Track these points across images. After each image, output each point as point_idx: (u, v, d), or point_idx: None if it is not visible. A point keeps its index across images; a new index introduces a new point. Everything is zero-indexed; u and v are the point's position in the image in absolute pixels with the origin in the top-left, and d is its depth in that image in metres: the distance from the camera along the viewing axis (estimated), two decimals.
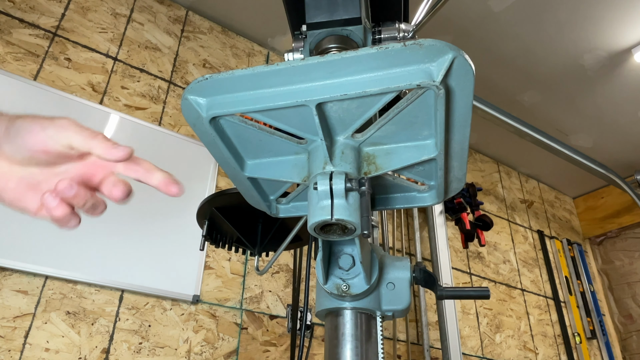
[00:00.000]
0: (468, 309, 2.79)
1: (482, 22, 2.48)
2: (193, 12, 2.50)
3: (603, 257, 3.80)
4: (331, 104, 0.49)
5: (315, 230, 0.52)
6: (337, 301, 0.66)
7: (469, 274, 2.94)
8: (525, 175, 3.84)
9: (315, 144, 0.54)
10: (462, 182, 0.59)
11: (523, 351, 2.91)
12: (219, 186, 2.14)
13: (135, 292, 1.74)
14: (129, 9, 2.28)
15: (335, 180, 0.50)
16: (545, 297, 3.29)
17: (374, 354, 0.65)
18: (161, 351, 1.70)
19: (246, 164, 0.60)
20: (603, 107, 3.03)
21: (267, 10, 2.46)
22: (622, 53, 2.61)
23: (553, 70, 2.77)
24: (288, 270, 2.16)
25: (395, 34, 0.74)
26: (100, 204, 0.47)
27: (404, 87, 0.45)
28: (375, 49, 0.44)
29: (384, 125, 0.52)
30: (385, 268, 0.68)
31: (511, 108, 2.95)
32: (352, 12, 0.66)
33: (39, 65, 1.90)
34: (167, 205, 1.95)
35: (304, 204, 0.67)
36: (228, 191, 1.07)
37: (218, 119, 0.52)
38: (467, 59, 0.43)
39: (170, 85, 2.24)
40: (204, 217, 1.17)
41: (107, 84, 2.04)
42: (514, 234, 3.41)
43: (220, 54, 2.49)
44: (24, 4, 1.97)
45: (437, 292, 0.69)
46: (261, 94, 0.49)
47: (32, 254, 1.59)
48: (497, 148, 3.52)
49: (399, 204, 0.64)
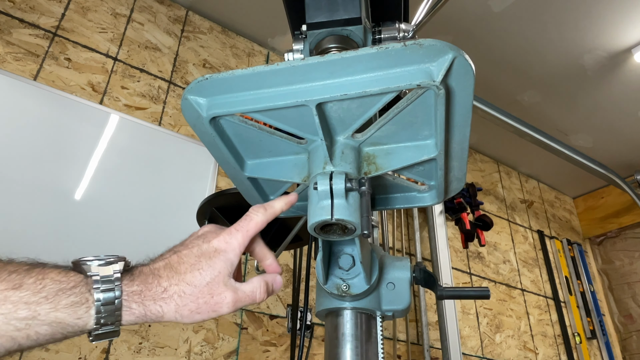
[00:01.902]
0: (468, 309, 2.79)
1: (482, 22, 2.48)
2: (193, 12, 2.50)
3: (603, 257, 3.80)
4: (331, 104, 0.49)
5: (316, 230, 0.52)
6: (337, 301, 0.66)
7: (469, 274, 2.94)
8: (525, 175, 3.84)
9: (315, 144, 0.54)
10: (462, 182, 0.59)
11: (523, 351, 2.91)
12: (219, 186, 2.14)
13: None
14: (129, 9, 2.28)
15: (335, 180, 0.50)
16: (545, 297, 3.29)
17: (374, 354, 0.65)
18: (161, 351, 1.70)
19: (246, 164, 0.60)
20: (603, 107, 3.02)
21: (267, 10, 2.46)
22: (622, 53, 2.61)
23: (553, 70, 2.77)
24: (288, 270, 2.16)
25: (395, 34, 0.74)
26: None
27: (404, 87, 0.45)
28: (376, 48, 0.44)
29: (384, 125, 0.52)
30: (385, 268, 0.68)
31: (511, 108, 2.95)
32: (352, 12, 0.66)
33: (39, 65, 1.90)
34: (167, 205, 1.95)
35: (304, 204, 0.67)
36: (228, 191, 1.07)
37: (218, 119, 0.52)
38: (467, 58, 0.43)
39: (170, 85, 2.24)
40: (204, 217, 1.17)
41: (107, 84, 2.04)
42: (514, 234, 3.41)
43: (220, 54, 2.49)
44: (24, 4, 1.97)
45: (437, 292, 0.69)
46: (261, 94, 0.49)
47: (32, 254, 1.59)
48: (497, 148, 3.52)
49: (399, 204, 0.65)
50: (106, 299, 0.43)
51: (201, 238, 0.52)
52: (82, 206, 1.75)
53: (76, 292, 0.42)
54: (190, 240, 0.53)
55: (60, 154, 1.78)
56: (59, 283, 0.42)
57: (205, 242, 0.51)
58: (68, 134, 1.83)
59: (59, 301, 0.41)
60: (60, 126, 1.82)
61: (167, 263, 0.49)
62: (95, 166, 1.84)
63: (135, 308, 0.45)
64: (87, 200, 1.77)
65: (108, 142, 1.91)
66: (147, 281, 0.47)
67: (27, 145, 1.72)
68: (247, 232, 0.53)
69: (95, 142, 1.88)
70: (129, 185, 1.89)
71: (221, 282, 0.49)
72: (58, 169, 1.75)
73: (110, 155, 1.89)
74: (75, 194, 1.75)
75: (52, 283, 0.42)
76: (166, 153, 2.05)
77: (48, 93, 1.85)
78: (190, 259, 0.49)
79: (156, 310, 0.46)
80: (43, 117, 1.79)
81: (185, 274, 0.48)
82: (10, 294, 0.39)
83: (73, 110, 1.87)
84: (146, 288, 0.46)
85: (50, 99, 1.84)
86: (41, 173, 1.71)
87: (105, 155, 1.88)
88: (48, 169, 1.73)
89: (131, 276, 0.46)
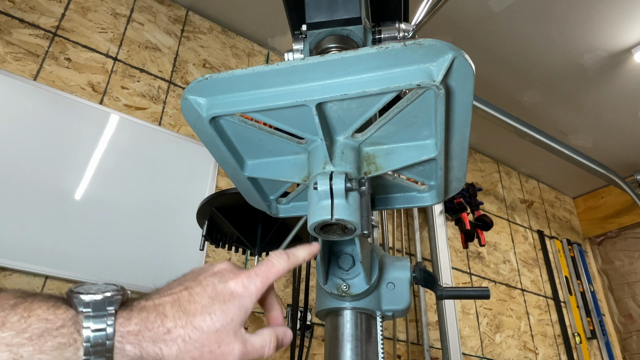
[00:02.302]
0: (468, 309, 2.79)
1: (482, 22, 2.48)
2: (193, 12, 2.50)
3: (603, 257, 3.80)
4: (331, 103, 0.49)
5: (316, 230, 0.52)
6: (337, 301, 0.66)
7: (469, 274, 2.94)
8: (525, 175, 3.84)
9: (315, 144, 0.54)
10: (462, 182, 0.59)
11: (523, 351, 2.91)
12: (219, 186, 2.14)
13: (135, 291, 1.72)
14: (129, 9, 2.28)
15: (335, 180, 0.50)
16: (545, 297, 3.29)
17: (374, 354, 0.65)
18: None
19: (246, 164, 0.60)
20: (603, 107, 3.02)
21: (267, 10, 2.46)
22: (622, 53, 2.61)
23: (553, 70, 2.76)
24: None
25: (395, 33, 0.74)
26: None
27: (404, 87, 0.45)
28: (376, 48, 0.44)
29: (384, 125, 0.52)
30: (385, 268, 0.68)
31: (511, 108, 2.95)
32: (352, 12, 0.66)
33: (39, 65, 1.90)
34: (167, 205, 1.95)
35: (304, 204, 0.67)
36: (228, 191, 1.07)
37: (218, 118, 0.52)
38: (467, 58, 0.43)
39: (170, 85, 2.24)
40: (204, 217, 1.17)
41: (107, 84, 2.04)
42: (514, 234, 3.41)
43: (220, 54, 2.49)
44: (24, 4, 1.97)
45: (437, 292, 0.69)
46: (261, 94, 0.49)
47: (32, 254, 1.59)
48: (497, 148, 3.52)
49: (399, 204, 0.64)
50: (96, 339, 0.39)
51: (217, 276, 0.47)
52: (82, 206, 1.75)
53: (63, 333, 0.38)
54: (205, 276, 0.47)
55: (60, 154, 1.78)
56: (45, 322, 0.38)
57: (221, 282, 0.46)
58: (68, 134, 1.83)
59: (44, 342, 0.37)
60: (60, 126, 1.82)
61: (176, 299, 0.45)
62: (95, 166, 1.83)
63: (129, 350, 0.40)
64: (87, 200, 1.77)
65: (108, 142, 1.91)
66: (149, 319, 0.42)
67: (27, 145, 1.72)
68: (266, 279, 0.49)
69: (95, 142, 1.88)
70: (129, 185, 1.89)
71: (232, 331, 0.45)
72: (58, 169, 1.75)
73: (110, 155, 1.89)
74: (75, 194, 1.75)
75: (38, 322, 0.37)
76: (166, 153, 2.05)
77: (48, 93, 1.85)
78: (203, 299, 0.45)
79: (154, 353, 0.41)
80: (43, 117, 1.79)
81: (195, 316, 0.43)
82: None
83: (73, 110, 1.87)
84: (146, 328, 0.42)
85: (50, 99, 1.84)
86: (41, 173, 1.71)
87: (105, 155, 1.88)
88: (48, 169, 1.73)
89: (129, 312, 0.42)
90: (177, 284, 0.47)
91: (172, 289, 0.46)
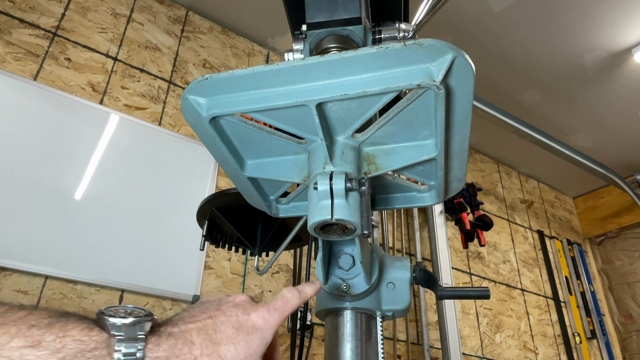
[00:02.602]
0: (468, 309, 2.79)
1: (482, 22, 2.48)
2: (193, 12, 2.50)
3: (603, 257, 3.80)
4: (331, 103, 0.49)
5: (315, 230, 0.52)
6: (337, 301, 0.66)
7: (469, 274, 2.94)
8: (525, 175, 3.84)
9: (315, 143, 0.54)
10: (462, 182, 0.59)
11: (523, 351, 2.91)
12: (219, 186, 2.14)
13: (135, 292, 1.74)
14: (129, 9, 2.28)
15: (335, 180, 0.50)
16: (545, 297, 3.29)
17: (374, 354, 0.65)
18: None
19: (246, 164, 0.60)
20: (603, 107, 3.02)
21: (267, 10, 2.46)
22: (622, 53, 2.61)
23: (553, 70, 2.77)
24: (288, 270, 2.16)
25: (395, 33, 0.74)
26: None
27: (404, 87, 0.45)
28: (376, 48, 0.44)
29: (384, 125, 0.52)
30: (385, 268, 0.68)
31: (511, 108, 2.95)
32: (352, 11, 0.66)
33: (39, 65, 1.90)
34: (167, 205, 1.95)
35: (304, 204, 0.67)
36: (228, 191, 1.07)
37: (218, 119, 0.52)
38: (467, 58, 0.43)
39: (170, 85, 2.24)
40: (204, 217, 1.17)
41: (107, 84, 2.04)
42: (514, 234, 3.41)
43: (220, 54, 2.49)
44: (24, 4, 1.97)
45: (437, 292, 0.69)
46: (261, 94, 0.49)
47: (32, 254, 1.59)
48: (497, 148, 3.52)
49: (399, 204, 0.64)
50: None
51: (239, 308, 0.49)
52: (82, 206, 1.75)
53: (96, 355, 0.39)
54: (227, 307, 0.49)
55: (60, 154, 1.78)
56: (79, 343, 0.39)
57: (244, 314, 0.48)
58: (68, 134, 1.83)
59: None
60: (60, 126, 1.82)
61: (202, 327, 0.46)
62: (95, 166, 1.84)
63: None
64: (87, 200, 1.77)
65: (108, 142, 1.91)
66: (176, 346, 0.43)
67: (27, 145, 1.72)
68: (283, 314, 0.51)
69: (95, 142, 1.88)
70: (129, 185, 1.89)
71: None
72: (58, 169, 1.75)
73: (110, 155, 1.89)
74: (75, 194, 1.75)
75: (73, 343, 0.39)
76: (166, 153, 2.05)
77: (48, 93, 1.85)
78: (228, 329, 0.46)
79: None
80: (43, 117, 1.79)
81: (221, 345, 0.45)
82: (27, 352, 0.36)
83: (73, 110, 1.87)
84: (173, 354, 0.43)
85: (50, 99, 1.84)
86: (41, 173, 1.71)
87: (105, 155, 1.88)
88: (48, 169, 1.73)
89: (158, 339, 0.43)
90: (199, 311, 0.48)
91: (196, 316, 0.47)
